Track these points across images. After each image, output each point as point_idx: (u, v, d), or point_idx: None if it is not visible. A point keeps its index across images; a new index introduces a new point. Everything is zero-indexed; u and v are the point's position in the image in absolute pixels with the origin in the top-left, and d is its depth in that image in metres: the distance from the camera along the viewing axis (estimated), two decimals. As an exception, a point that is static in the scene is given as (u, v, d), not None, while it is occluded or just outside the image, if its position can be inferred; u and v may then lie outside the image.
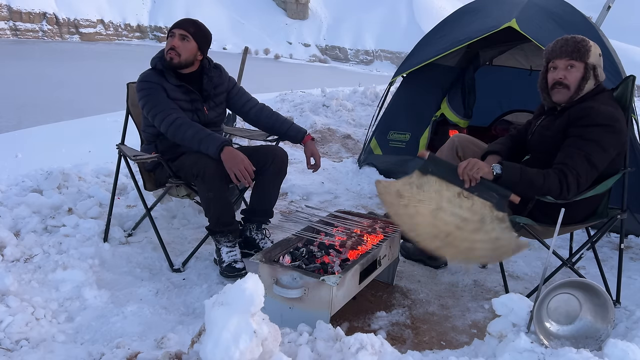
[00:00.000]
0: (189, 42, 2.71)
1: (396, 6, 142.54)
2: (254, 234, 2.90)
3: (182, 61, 2.70)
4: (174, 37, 2.71)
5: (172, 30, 2.73)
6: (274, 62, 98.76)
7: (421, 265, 2.93)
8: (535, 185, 2.17)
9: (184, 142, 2.58)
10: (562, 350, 1.60)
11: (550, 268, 2.50)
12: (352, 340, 1.70)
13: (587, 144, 2.18)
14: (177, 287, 2.56)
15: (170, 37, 2.73)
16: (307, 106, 7.26)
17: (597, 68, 2.31)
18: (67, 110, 15.38)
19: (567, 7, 4.07)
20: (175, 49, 2.68)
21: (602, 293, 1.68)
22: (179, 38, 2.69)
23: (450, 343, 2.21)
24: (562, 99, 2.33)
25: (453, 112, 4.43)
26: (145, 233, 3.05)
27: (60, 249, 2.68)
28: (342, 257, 2.22)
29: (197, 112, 2.77)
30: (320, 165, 2.90)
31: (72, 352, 1.93)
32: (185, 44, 2.70)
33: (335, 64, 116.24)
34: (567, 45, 2.29)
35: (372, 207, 3.87)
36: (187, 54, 2.71)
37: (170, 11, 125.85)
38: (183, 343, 1.86)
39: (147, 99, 2.65)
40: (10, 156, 5.88)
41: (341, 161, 4.92)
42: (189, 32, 2.71)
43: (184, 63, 2.72)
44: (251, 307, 1.43)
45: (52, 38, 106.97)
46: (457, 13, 4.57)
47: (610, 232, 3.42)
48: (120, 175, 3.05)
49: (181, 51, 2.69)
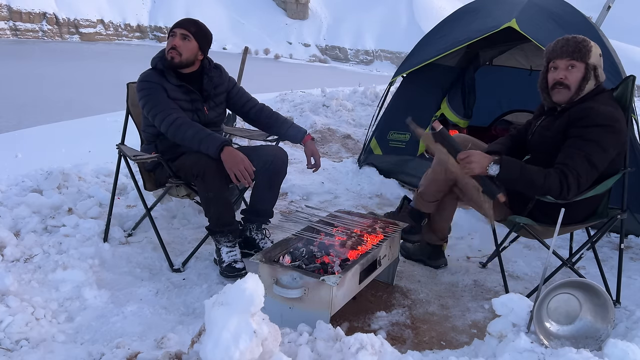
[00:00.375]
0: (190, 41, 2.71)
1: (396, 6, 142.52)
2: (254, 234, 2.90)
3: (183, 60, 2.70)
4: (175, 36, 2.70)
5: (173, 30, 2.73)
6: (274, 62, 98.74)
7: (421, 265, 2.93)
8: (535, 184, 2.18)
9: (184, 142, 2.58)
10: (562, 350, 1.60)
11: (550, 268, 2.50)
12: (352, 340, 1.70)
13: (587, 144, 2.18)
14: (177, 287, 2.56)
15: (171, 36, 2.73)
16: (307, 106, 7.26)
17: (598, 68, 2.31)
18: (67, 110, 15.39)
19: (567, 7, 4.06)
20: (176, 48, 2.68)
21: (602, 293, 1.68)
22: (180, 37, 2.69)
23: (450, 343, 2.21)
24: (563, 99, 2.33)
25: (453, 112, 4.44)
26: (145, 233, 3.05)
27: (60, 249, 2.68)
28: (342, 257, 2.22)
29: (197, 112, 2.77)
30: (320, 165, 2.90)
31: (72, 352, 1.93)
32: (186, 44, 2.70)
33: (335, 64, 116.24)
34: (568, 45, 2.29)
35: (372, 207, 3.87)
36: (188, 53, 2.71)
37: (170, 11, 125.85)
38: (183, 343, 1.86)
39: (148, 98, 2.65)
40: (10, 156, 5.87)
41: (341, 161, 4.92)
42: (190, 32, 2.71)
43: (184, 62, 2.72)
44: (251, 307, 1.43)
45: (52, 38, 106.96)
46: (457, 13, 4.56)
47: (610, 232, 3.42)
48: (120, 175, 3.05)
49: (182, 50, 2.69)
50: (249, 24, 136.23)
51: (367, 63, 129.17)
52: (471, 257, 3.10)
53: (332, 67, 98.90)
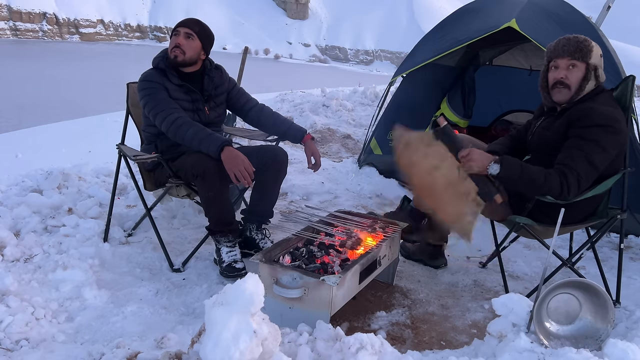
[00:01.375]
0: (194, 40, 2.72)
1: (396, 6, 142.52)
2: (254, 234, 2.90)
3: (187, 59, 2.71)
4: (178, 35, 2.72)
5: (177, 29, 2.75)
6: (274, 62, 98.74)
7: (421, 265, 2.93)
8: (535, 184, 2.18)
9: (185, 141, 2.58)
10: (562, 350, 1.60)
11: (550, 268, 2.50)
12: (352, 340, 1.70)
13: (587, 144, 2.17)
14: (177, 287, 2.56)
15: (175, 35, 2.74)
16: (307, 106, 7.26)
17: (598, 69, 2.31)
18: (67, 110, 15.38)
19: (567, 7, 4.06)
20: (180, 46, 2.69)
21: (602, 293, 1.68)
22: (184, 36, 2.71)
23: (450, 343, 2.21)
24: (563, 99, 2.33)
25: (453, 112, 4.43)
26: (145, 233, 3.05)
27: (60, 249, 2.67)
28: (342, 257, 2.22)
29: (198, 112, 2.77)
30: (320, 165, 2.91)
31: (72, 352, 1.93)
32: (190, 42, 2.71)
33: (335, 64, 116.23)
34: (569, 44, 2.28)
35: (372, 207, 3.87)
36: (192, 52, 2.72)
37: (170, 11, 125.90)
38: (183, 343, 1.86)
39: (149, 98, 2.66)
40: (10, 156, 5.88)
41: (341, 161, 4.92)
42: (194, 31, 2.73)
43: (188, 61, 2.72)
44: (251, 307, 1.43)
45: (52, 38, 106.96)
46: (457, 13, 4.56)
47: (610, 232, 3.42)
48: (120, 175, 3.05)
49: (186, 49, 2.70)
50: (249, 24, 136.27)
51: (367, 63, 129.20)
52: (471, 257, 3.10)
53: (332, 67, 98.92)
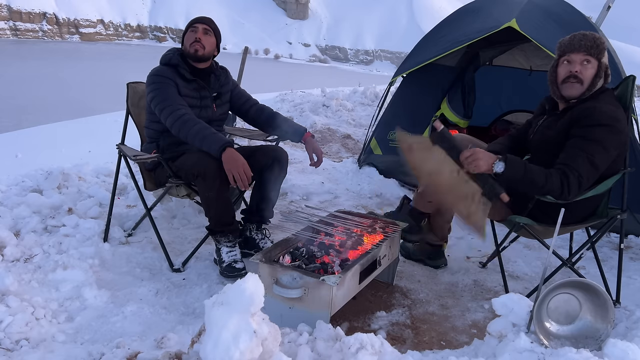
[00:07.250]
0: (211, 36, 2.81)
1: (396, 6, 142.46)
2: (254, 234, 2.90)
3: (206, 54, 2.78)
4: (196, 31, 2.76)
5: (195, 25, 2.80)
6: (274, 62, 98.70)
7: (421, 265, 2.93)
8: (536, 184, 2.17)
9: (188, 137, 2.57)
10: (562, 350, 1.60)
11: (550, 268, 2.50)
12: (352, 340, 1.70)
13: (590, 144, 2.17)
14: (177, 287, 2.56)
15: (192, 31, 2.78)
16: (307, 106, 7.27)
17: (607, 69, 2.31)
18: (67, 110, 15.35)
19: (567, 7, 4.06)
20: (200, 41, 2.75)
21: (602, 293, 1.68)
22: (203, 32, 2.77)
23: (450, 343, 2.21)
24: (574, 94, 2.31)
25: (453, 112, 4.43)
26: (145, 233, 3.05)
27: (60, 249, 2.68)
28: (342, 257, 2.22)
29: (206, 108, 2.81)
30: (322, 161, 2.92)
31: (72, 352, 1.93)
32: (208, 38, 2.79)
33: (335, 64, 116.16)
34: (586, 39, 2.28)
35: (372, 207, 3.87)
36: (210, 47, 2.79)
37: (170, 11, 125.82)
38: (183, 343, 1.86)
39: (157, 92, 2.67)
40: (10, 156, 5.88)
41: (341, 161, 4.92)
42: (210, 27, 2.80)
43: (207, 55, 2.79)
44: (251, 307, 1.43)
45: (52, 38, 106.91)
46: (457, 13, 4.56)
47: (610, 232, 3.42)
48: (120, 175, 3.06)
49: (205, 44, 2.76)
50: (249, 24, 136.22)
51: (367, 63, 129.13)
52: (471, 257, 3.10)
53: (332, 67, 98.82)
